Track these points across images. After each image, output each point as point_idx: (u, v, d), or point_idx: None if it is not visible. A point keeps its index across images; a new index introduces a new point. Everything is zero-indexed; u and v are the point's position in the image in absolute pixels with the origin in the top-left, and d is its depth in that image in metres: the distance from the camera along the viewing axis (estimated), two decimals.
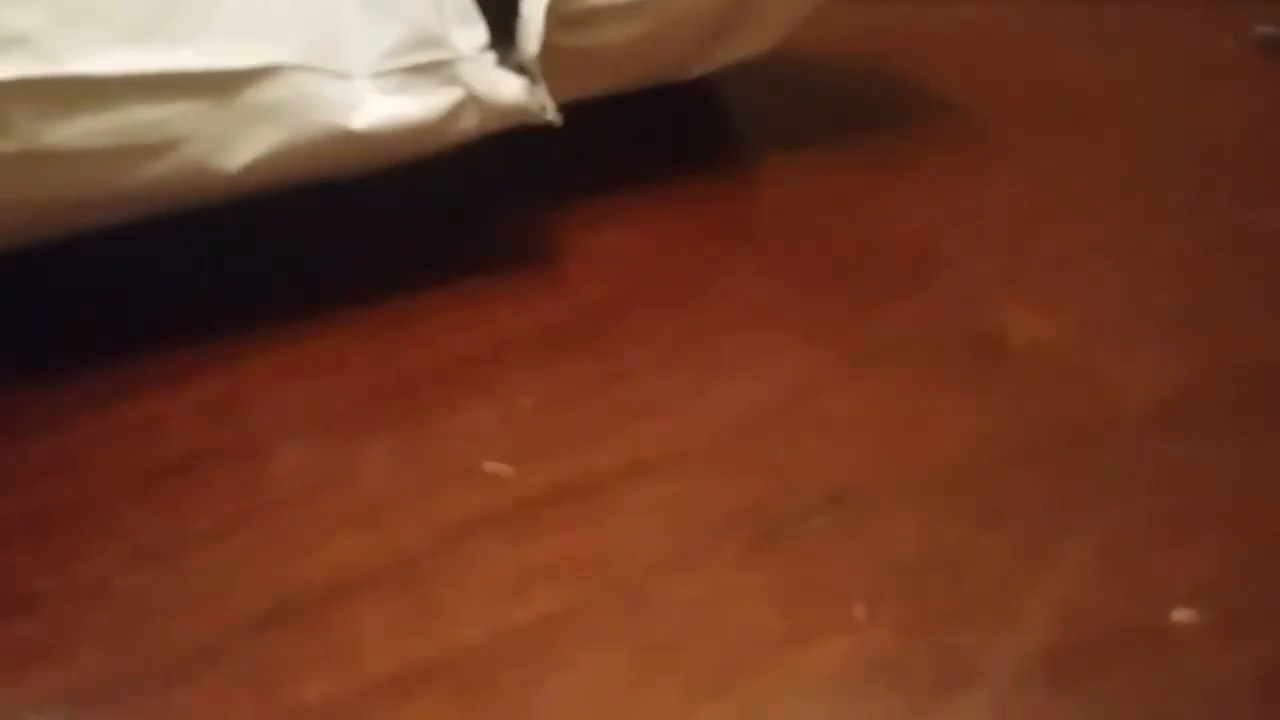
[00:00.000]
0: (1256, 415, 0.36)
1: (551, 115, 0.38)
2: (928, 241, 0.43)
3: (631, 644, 0.30)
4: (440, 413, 0.36)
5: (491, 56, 0.37)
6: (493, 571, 0.31)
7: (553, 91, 0.38)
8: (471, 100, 0.37)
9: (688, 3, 0.42)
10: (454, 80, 0.37)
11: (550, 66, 0.38)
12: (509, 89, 0.38)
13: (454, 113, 0.37)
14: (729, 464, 0.34)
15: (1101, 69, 0.53)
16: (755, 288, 0.40)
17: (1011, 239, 0.43)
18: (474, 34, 0.37)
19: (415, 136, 0.37)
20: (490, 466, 0.34)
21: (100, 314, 0.39)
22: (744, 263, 0.42)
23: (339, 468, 0.34)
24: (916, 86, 0.51)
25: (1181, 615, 0.30)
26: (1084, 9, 0.56)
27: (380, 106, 0.37)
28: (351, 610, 0.30)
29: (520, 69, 0.38)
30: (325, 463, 0.34)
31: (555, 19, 0.38)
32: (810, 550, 0.32)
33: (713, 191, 0.45)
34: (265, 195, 0.38)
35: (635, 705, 0.28)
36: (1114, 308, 0.40)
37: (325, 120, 0.36)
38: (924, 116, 0.49)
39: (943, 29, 0.55)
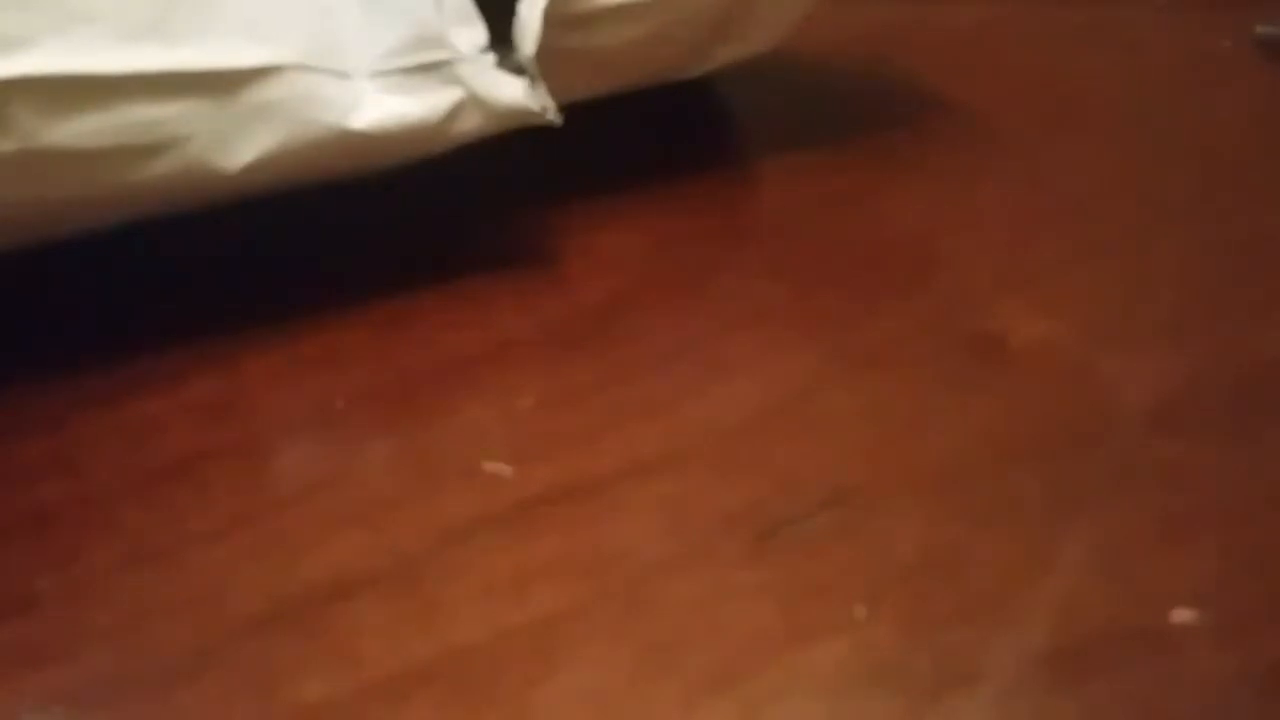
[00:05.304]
0: (1256, 415, 0.36)
1: (553, 116, 0.38)
2: (928, 241, 0.43)
3: (631, 644, 0.30)
4: (440, 413, 0.36)
5: (491, 57, 0.38)
6: (493, 571, 0.31)
7: (552, 92, 0.38)
8: (472, 101, 0.37)
9: (687, 4, 0.42)
10: (454, 80, 0.37)
11: (549, 67, 0.38)
12: (509, 90, 0.38)
13: (454, 113, 0.37)
14: (729, 464, 0.34)
15: (1101, 69, 0.53)
16: (755, 288, 0.40)
17: (1011, 239, 0.43)
18: (474, 34, 0.37)
19: (415, 137, 0.37)
20: (490, 466, 0.34)
21: (100, 314, 0.39)
22: (744, 263, 0.42)
23: (339, 468, 0.34)
24: (916, 86, 0.51)
25: (1181, 615, 0.30)
26: (1084, 9, 0.56)
27: (380, 106, 0.37)
28: (351, 610, 0.30)
29: (520, 70, 0.38)
30: (325, 463, 0.34)
31: (552, 21, 0.38)
32: (810, 550, 0.32)
33: (713, 191, 0.45)
34: (265, 195, 0.38)
35: (635, 705, 0.28)
36: (1114, 308, 0.40)
37: (325, 120, 0.36)
38: (924, 116, 0.49)
39: (943, 29, 0.55)
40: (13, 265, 0.37)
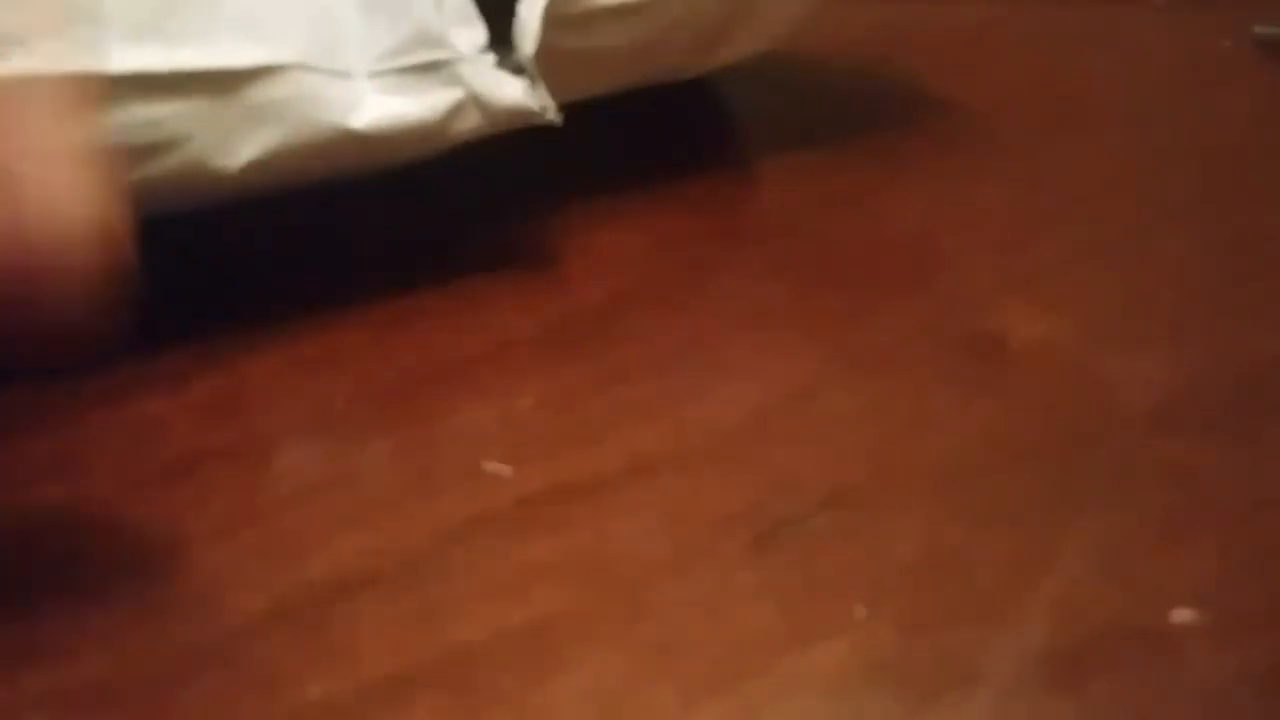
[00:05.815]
0: (1256, 415, 0.36)
1: (553, 116, 0.38)
2: (928, 241, 0.43)
3: (631, 644, 0.30)
4: (440, 413, 0.36)
5: (491, 57, 0.38)
6: (493, 571, 0.31)
7: (552, 92, 0.38)
8: (472, 100, 0.37)
9: (687, 4, 0.42)
10: (454, 80, 0.37)
11: (549, 67, 0.38)
12: (509, 89, 0.38)
13: (454, 113, 0.37)
14: (729, 464, 0.34)
15: (1101, 69, 0.53)
16: (755, 288, 0.40)
17: (1011, 239, 0.43)
18: (474, 35, 0.37)
19: (415, 136, 0.37)
20: (490, 466, 0.34)
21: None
22: (744, 263, 0.42)
23: (339, 468, 0.34)
24: (916, 86, 0.51)
25: (1181, 615, 0.30)
26: (1084, 9, 0.56)
27: (380, 106, 0.37)
28: (351, 610, 0.30)
29: (520, 70, 0.38)
30: (325, 463, 0.34)
31: (553, 21, 0.38)
32: (810, 550, 0.32)
33: (713, 191, 0.45)
34: (265, 195, 0.38)
35: (635, 705, 0.28)
36: (1114, 308, 0.40)
37: (325, 119, 0.36)
38: (924, 116, 0.49)
39: (943, 29, 0.55)
40: None
